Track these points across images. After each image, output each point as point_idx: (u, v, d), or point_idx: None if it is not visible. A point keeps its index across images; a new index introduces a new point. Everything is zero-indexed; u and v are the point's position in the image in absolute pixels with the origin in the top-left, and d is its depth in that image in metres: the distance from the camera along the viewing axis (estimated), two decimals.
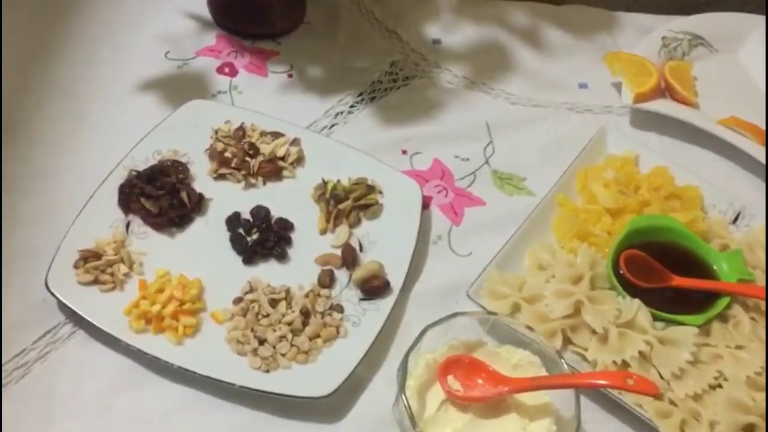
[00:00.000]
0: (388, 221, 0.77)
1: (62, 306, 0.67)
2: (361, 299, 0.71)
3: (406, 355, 0.59)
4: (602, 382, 0.60)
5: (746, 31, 1.05)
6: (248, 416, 0.65)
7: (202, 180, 0.78)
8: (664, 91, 0.96)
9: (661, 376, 0.68)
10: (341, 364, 0.66)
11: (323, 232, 0.76)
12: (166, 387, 0.65)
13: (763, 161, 0.88)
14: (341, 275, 0.73)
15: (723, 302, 0.73)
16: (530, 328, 0.63)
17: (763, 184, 0.90)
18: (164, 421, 0.64)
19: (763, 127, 0.92)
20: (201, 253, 0.73)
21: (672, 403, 0.67)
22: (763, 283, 0.75)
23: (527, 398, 0.62)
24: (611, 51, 0.98)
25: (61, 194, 0.76)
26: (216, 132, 0.81)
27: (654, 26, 1.03)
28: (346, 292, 0.72)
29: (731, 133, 0.90)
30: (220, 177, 0.79)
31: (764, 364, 0.68)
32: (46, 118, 0.81)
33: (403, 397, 0.57)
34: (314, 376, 0.65)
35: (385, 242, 0.76)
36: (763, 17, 1.06)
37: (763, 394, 0.66)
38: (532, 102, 0.95)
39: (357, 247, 0.75)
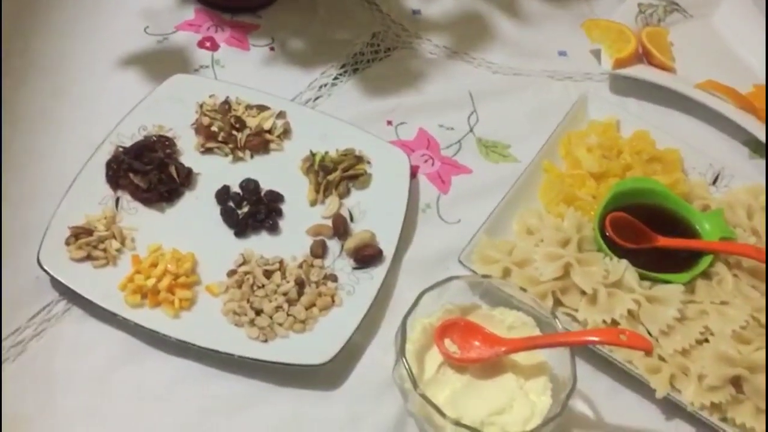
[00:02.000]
0: (377, 191, 0.78)
1: (55, 283, 0.67)
2: (354, 268, 0.72)
3: (404, 320, 0.60)
4: (596, 338, 0.62)
5: None
6: (248, 386, 0.65)
7: (189, 155, 0.78)
8: (642, 56, 0.97)
9: (650, 333, 0.70)
10: (338, 332, 0.66)
11: (313, 203, 0.77)
12: (165, 360, 0.65)
13: (741, 123, 0.90)
14: (333, 245, 0.74)
15: (706, 260, 0.75)
16: (524, 290, 0.64)
17: (741, 146, 0.92)
18: (164, 393, 0.64)
19: (740, 90, 0.94)
20: (192, 227, 0.73)
21: (661, 358, 0.69)
22: (744, 242, 0.77)
23: (523, 358, 0.63)
24: (589, 18, 0.99)
25: (47, 172, 0.75)
26: (201, 106, 0.81)
27: None
28: (338, 261, 0.73)
29: (708, 96, 0.92)
30: (208, 151, 0.79)
31: (748, 318, 0.70)
32: (28, 95, 0.80)
33: (404, 360, 0.58)
34: (312, 345, 0.66)
35: (375, 212, 0.76)
36: None
37: (749, 347, 0.68)
38: (513, 71, 0.95)
39: (348, 217, 0.76)
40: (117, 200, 0.73)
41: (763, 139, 0.89)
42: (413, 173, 0.81)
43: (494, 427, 0.58)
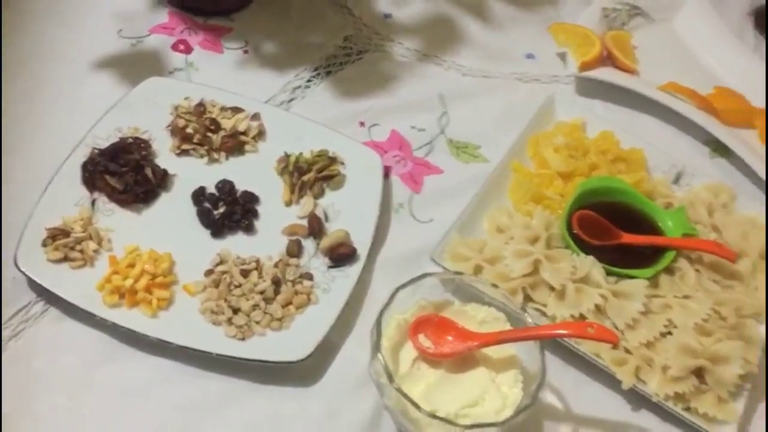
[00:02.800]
0: (351, 191, 0.79)
1: (33, 284, 0.68)
2: (330, 267, 0.73)
3: (379, 316, 0.62)
4: (565, 332, 0.64)
5: (681, 1, 1.10)
6: (227, 384, 0.66)
7: (164, 156, 0.79)
8: (607, 59, 1.00)
9: (616, 327, 0.72)
10: (314, 329, 0.68)
11: (288, 203, 0.78)
12: (144, 359, 0.66)
13: (701, 123, 0.93)
14: (308, 245, 0.75)
15: (669, 256, 0.78)
16: (495, 286, 0.66)
17: (702, 145, 0.95)
18: (144, 392, 0.65)
19: (700, 91, 0.97)
20: (169, 228, 0.74)
21: (627, 351, 0.71)
22: (705, 237, 0.80)
23: (494, 352, 0.65)
24: (556, 22, 1.02)
25: (23, 175, 0.75)
26: (176, 108, 0.82)
27: None
28: (314, 260, 0.74)
29: (670, 98, 0.95)
30: (183, 153, 0.80)
31: (710, 312, 0.73)
32: (1, 98, 0.80)
33: (380, 355, 0.60)
34: (289, 342, 0.67)
35: (349, 211, 0.78)
36: None
37: (710, 339, 0.71)
38: (482, 73, 0.98)
39: (322, 217, 0.77)
40: (93, 202, 0.74)
41: (722, 138, 0.92)
42: (386, 174, 0.83)
43: (467, 419, 0.60)
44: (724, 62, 1.05)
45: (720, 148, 0.95)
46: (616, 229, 0.79)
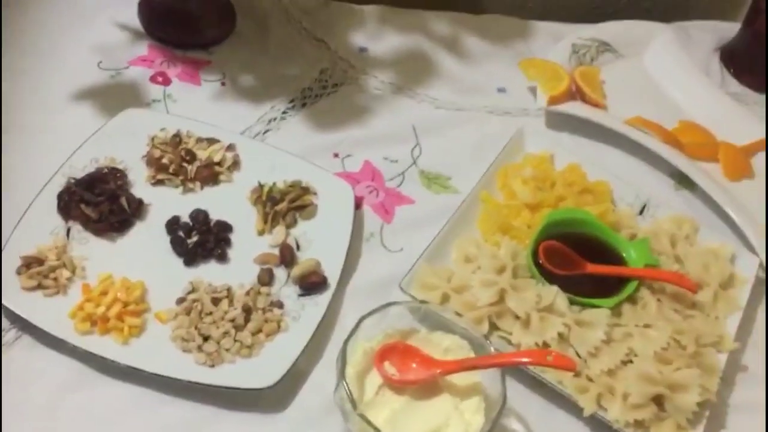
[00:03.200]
0: (322, 221, 0.81)
1: (6, 311, 0.69)
2: (300, 295, 0.75)
3: (345, 344, 0.63)
4: (525, 359, 0.66)
5: (649, 38, 1.13)
6: (196, 410, 0.67)
7: (140, 186, 0.81)
8: (576, 94, 1.03)
9: (579, 355, 0.74)
10: (283, 357, 0.69)
11: (261, 233, 0.80)
12: (115, 386, 0.67)
13: (666, 156, 0.96)
14: (280, 273, 0.77)
15: (632, 286, 0.80)
16: (458, 315, 0.68)
17: (667, 178, 0.98)
18: (115, 419, 0.66)
19: (666, 125, 1.00)
20: (142, 257, 0.75)
21: (589, 379, 0.73)
22: (668, 268, 0.82)
23: (458, 380, 0.67)
24: (526, 57, 1.05)
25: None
26: (152, 139, 0.84)
27: (565, 34, 1.10)
28: (285, 289, 0.76)
29: (636, 132, 0.98)
30: (158, 183, 0.81)
31: (670, 340, 0.75)
32: None
33: (344, 383, 0.61)
34: (258, 369, 0.69)
35: (320, 240, 0.80)
36: (664, 24, 1.15)
37: (669, 367, 0.73)
38: (455, 106, 1.00)
39: (294, 246, 0.79)
40: (68, 230, 0.75)
41: (686, 171, 0.95)
42: (358, 204, 0.85)
43: None
44: (690, 97, 1.08)
45: (684, 181, 0.97)
46: (581, 260, 0.81)
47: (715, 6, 1.30)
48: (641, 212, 0.91)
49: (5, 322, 0.69)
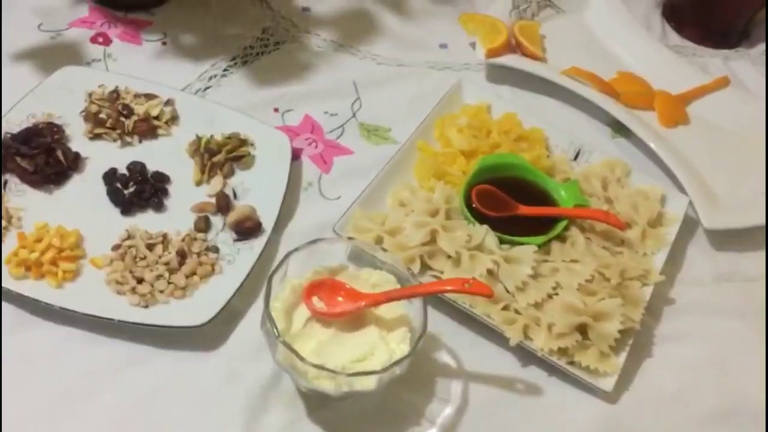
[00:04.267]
0: (259, 171, 0.83)
1: None
2: (235, 240, 0.77)
3: (270, 278, 0.65)
4: (444, 288, 0.68)
5: None
6: (130, 349, 0.69)
7: (78, 141, 0.82)
8: (516, 48, 1.05)
9: (507, 290, 0.77)
10: (217, 297, 0.71)
11: (199, 183, 0.82)
12: (51, 328, 0.69)
13: (600, 105, 0.98)
14: (217, 221, 0.79)
15: (561, 225, 0.82)
16: (384, 249, 0.70)
17: (604, 126, 1.00)
18: (51, 358, 0.68)
19: (604, 77, 1.02)
20: (79, 207, 0.77)
21: (516, 312, 0.75)
22: (598, 208, 0.85)
23: (386, 313, 0.69)
24: (465, 12, 1.07)
25: None
26: (90, 95, 0.85)
27: None
28: (221, 235, 0.78)
29: (572, 81, 1.00)
30: (96, 137, 0.83)
31: (594, 273, 0.77)
32: None
33: (267, 312, 0.63)
34: (191, 309, 0.71)
35: (257, 189, 0.81)
36: None
37: (593, 298, 0.76)
38: (396, 62, 1.02)
39: (231, 195, 0.80)
40: (5, 183, 0.76)
41: (620, 118, 0.97)
42: (296, 155, 0.87)
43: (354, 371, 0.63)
44: (629, 50, 1.10)
45: (621, 130, 1.00)
46: (512, 202, 0.83)
47: None
48: (575, 158, 0.93)
49: None
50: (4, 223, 0.73)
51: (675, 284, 0.85)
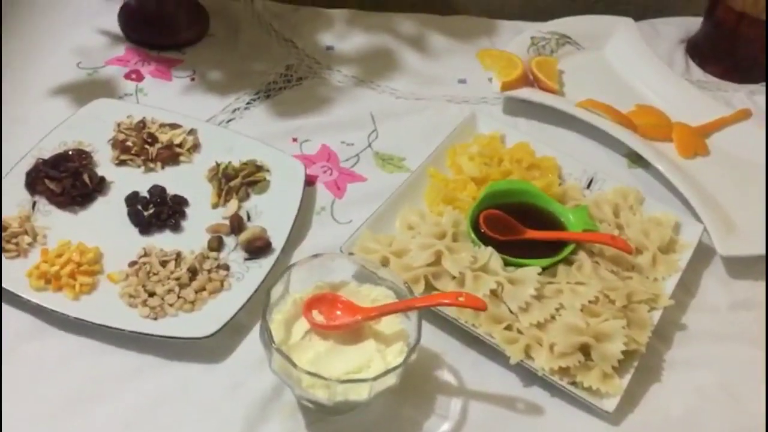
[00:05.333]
0: (274, 195, 0.87)
1: None
2: (246, 259, 0.80)
3: (268, 290, 0.68)
4: (439, 301, 0.69)
5: (611, 31, 1.17)
6: (139, 359, 0.72)
7: (105, 166, 0.87)
8: (533, 82, 1.07)
9: (511, 311, 0.77)
10: (223, 312, 0.74)
11: (215, 206, 0.85)
12: (65, 337, 0.73)
13: (617, 136, 0.99)
14: (230, 242, 0.82)
15: (568, 248, 0.82)
16: (384, 265, 0.72)
17: (621, 157, 1.01)
18: (63, 365, 0.71)
19: (619, 108, 1.03)
20: (101, 227, 0.81)
21: (519, 332, 0.76)
22: (607, 233, 0.85)
23: (384, 327, 0.70)
24: (484, 48, 1.10)
25: None
26: (118, 125, 0.90)
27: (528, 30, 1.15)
28: (233, 254, 0.81)
29: (587, 113, 1.01)
30: (122, 163, 0.88)
31: (598, 294, 0.77)
32: None
33: (264, 321, 0.65)
34: (198, 322, 0.73)
35: (270, 212, 0.85)
36: (625, 18, 1.18)
37: (597, 319, 0.75)
38: (414, 96, 1.05)
39: (245, 217, 0.84)
40: (34, 204, 0.81)
41: (636, 148, 0.98)
42: (311, 181, 0.90)
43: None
44: (649, 84, 1.10)
45: (638, 161, 1.00)
46: (520, 226, 0.84)
47: (687, 4, 1.33)
48: (588, 186, 0.94)
49: None
50: (29, 239, 0.77)
51: (687, 311, 0.84)
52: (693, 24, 1.22)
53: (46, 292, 0.74)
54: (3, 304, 0.74)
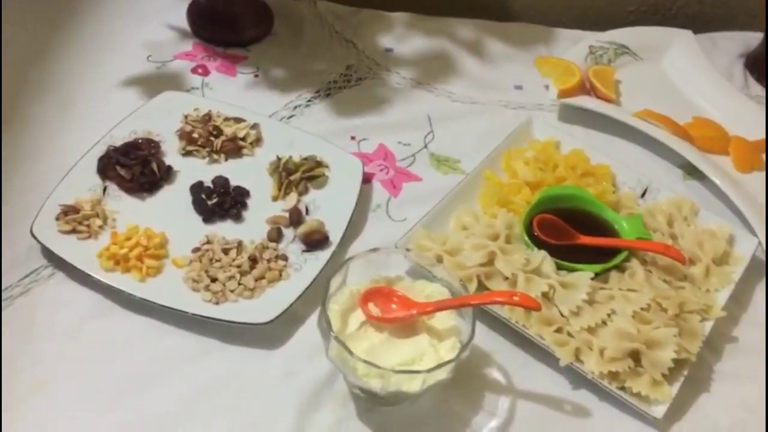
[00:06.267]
0: (332, 190, 0.89)
1: (44, 251, 0.79)
2: (304, 251, 0.82)
3: (329, 280, 0.70)
4: (493, 299, 0.71)
5: (669, 43, 1.17)
6: (198, 341, 0.75)
7: (172, 156, 0.90)
8: (590, 91, 1.08)
9: (562, 314, 0.78)
10: (282, 300, 0.76)
11: (275, 198, 0.88)
12: (130, 317, 0.76)
13: (673, 147, 0.99)
14: (288, 233, 0.84)
15: (621, 256, 0.83)
16: (439, 261, 0.74)
17: (675, 168, 1.01)
18: (127, 343, 0.74)
19: (678, 121, 1.04)
20: (167, 214, 0.84)
21: (569, 335, 0.77)
22: (661, 242, 0.85)
23: (437, 323, 0.72)
24: (541, 56, 1.11)
25: (50, 167, 0.87)
26: (186, 117, 0.93)
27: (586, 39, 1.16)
28: (291, 246, 0.83)
29: (643, 123, 1.01)
30: (188, 153, 0.91)
31: (650, 302, 0.78)
32: (42, 106, 0.95)
33: (324, 308, 0.67)
34: (257, 308, 0.76)
35: (328, 207, 0.87)
36: (684, 30, 1.18)
37: (648, 326, 0.76)
38: (470, 100, 1.07)
39: (303, 210, 0.86)
40: (104, 188, 0.85)
41: (693, 160, 0.98)
42: (368, 179, 0.92)
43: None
44: (708, 98, 1.10)
45: (693, 172, 1.00)
46: (573, 231, 0.85)
47: (748, 20, 1.32)
48: (643, 195, 0.94)
49: (43, 260, 0.79)
50: (99, 222, 0.81)
51: (739, 323, 0.84)
52: (753, 39, 1.22)
53: (115, 273, 0.77)
54: (74, 283, 0.77)
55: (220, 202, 0.85)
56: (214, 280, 0.78)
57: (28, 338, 0.74)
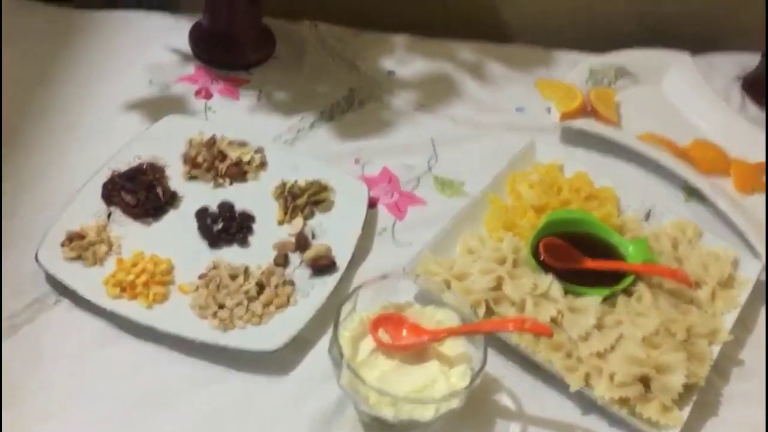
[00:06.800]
0: (338, 214, 0.89)
1: (49, 278, 0.78)
2: (311, 276, 0.82)
3: (339, 307, 0.69)
4: (504, 326, 0.70)
5: (669, 65, 1.18)
6: (207, 369, 0.74)
7: (176, 181, 0.90)
8: (591, 113, 1.08)
9: (571, 339, 0.78)
10: (290, 326, 0.76)
11: (281, 223, 0.88)
12: (138, 344, 0.75)
13: (674, 169, 1.00)
14: (295, 258, 0.84)
15: (628, 280, 0.83)
16: (448, 287, 0.73)
17: (677, 190, 1.02)
18: (135, 371, 0.73)
19: (679, 143, 1.04)
20: (173, 239, 0.84)
21: (579, 360, 0.77)
22: (667, 266, 0.85)
23: (448, 349, 0.71)
24: (542, 78, 1.11)
25: (54, 191, 0.86)
26: (190, 141, 0.93)
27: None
28: (298, 270, 0.83)
29: (645, 146, 1.02)
30: (192, 178, 0.90)
31: (659, 327, 0.78)
32: (45, 128, 0.94)
33: (335, 337, 0.67)
34: (265, 335, 0.75)
35: (334, 231, 0.87)
36: (683, 52, 1.19)
37: (657, 351, 0.76)
38: (473, 122, 1.07)
39: (309, 235, 0.86)
40: (109, 214, 0.84)
41: (694, 183, 0.98)
42: (373, 203, 0.92)
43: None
44: (708, 120, 1.11)
45: (694, 195, 1.00)
46: (579, 255, 0.85)
47: (745, 41, 1.33)
48: (647, 218, 0.94)
49: (47, 287, 0.78)
50: (105, 248, 0.80)
51: (746, 346, 0.84)
52: (749, 60, 1.23)
53: (122, 300, 0.77)
54: (79, 310, 0.77)
55: (226, 227, 0.85)
56: (221, 306, 0.77)
57: (33, 366, 0.73)
